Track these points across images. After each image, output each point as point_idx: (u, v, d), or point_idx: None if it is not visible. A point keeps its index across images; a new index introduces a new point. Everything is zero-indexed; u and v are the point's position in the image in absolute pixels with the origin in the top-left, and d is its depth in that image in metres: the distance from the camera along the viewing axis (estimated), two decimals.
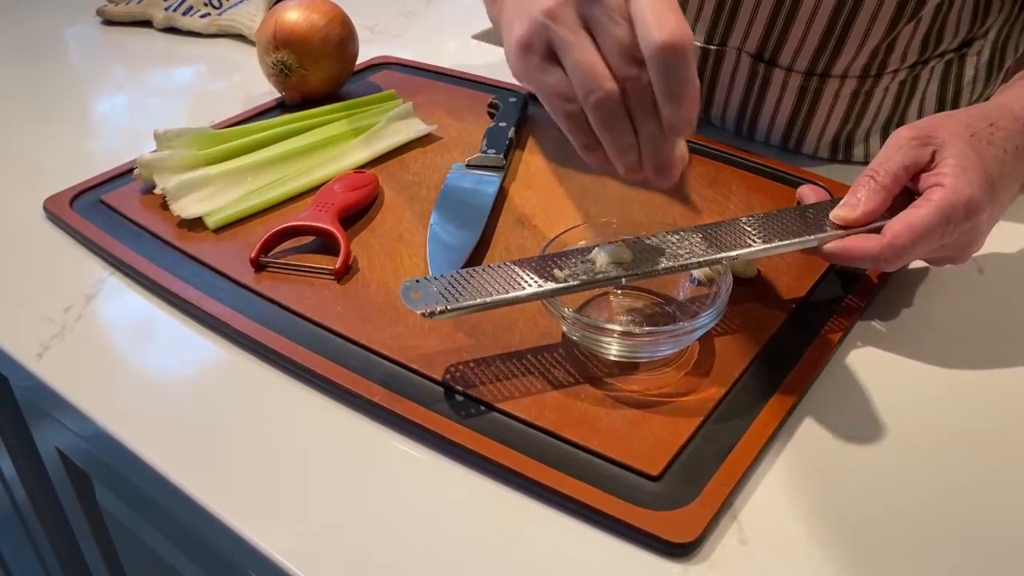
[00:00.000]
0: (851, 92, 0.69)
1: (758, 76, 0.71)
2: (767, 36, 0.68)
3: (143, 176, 0.69)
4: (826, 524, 0.45)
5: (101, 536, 0.74)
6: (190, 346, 0.57)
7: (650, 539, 0.43)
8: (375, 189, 0.68)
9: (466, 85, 0.86)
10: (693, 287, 0.56)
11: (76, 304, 0.60)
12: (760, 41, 0.69)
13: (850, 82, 0.68)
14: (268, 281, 0.59)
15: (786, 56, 0.69)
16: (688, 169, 0.70)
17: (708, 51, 0.72)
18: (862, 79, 0.68)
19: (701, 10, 0.70)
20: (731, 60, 0.71)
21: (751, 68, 0.71)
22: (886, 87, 0.69)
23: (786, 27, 0.67)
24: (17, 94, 0.92)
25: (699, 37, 0.72)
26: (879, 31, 0.65)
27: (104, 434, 0.51)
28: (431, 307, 0.48)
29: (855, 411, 0.51)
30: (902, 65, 0.67)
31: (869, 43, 0.66)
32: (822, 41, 0.66)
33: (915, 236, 0.49)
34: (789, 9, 0.66)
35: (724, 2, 0.69)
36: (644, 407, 0.49)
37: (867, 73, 0.68)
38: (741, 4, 0.68)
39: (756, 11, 0.68)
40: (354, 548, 0.44)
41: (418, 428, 0.49)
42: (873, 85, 0.68)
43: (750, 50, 0.70)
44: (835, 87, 0.69)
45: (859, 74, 0.68)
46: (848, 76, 0.68)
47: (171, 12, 1.03)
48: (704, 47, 0.72)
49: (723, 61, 0.72)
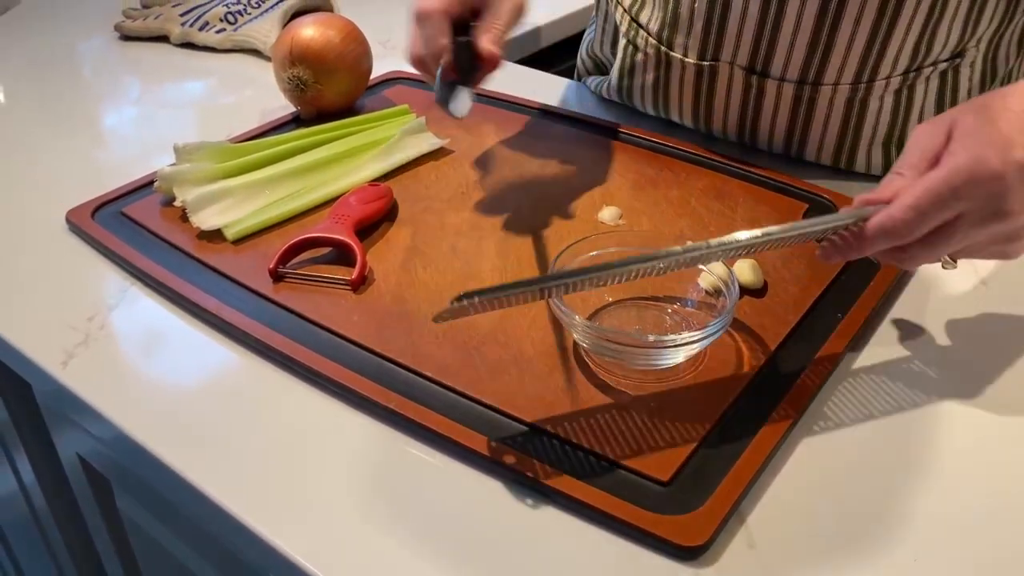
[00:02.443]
0: (845, 100, 0.70)
1: (752, 88, 0.73)
2: (756, 48, 0.70)
3: (163, 189, 0.70)
4: (833, 529, 0.46)
5: (120, 541, 0.76)
6: (209, 354, 0.58)
7: (660, 543, 0.44)
8: (390, 201, 0.69)
9: (476, 99, 0.87)
10: (701, 297, 0.57)
11: (99, 313, 0.62)
12: (750, 53, 0.71)
13: (843, 89, 0.70)
14: (286, 291, 0.61)
15: (777, 66, 0.70)
16: (695, 182, 0.72)
17: (702, 67, 0.74)
18: (854, 86, 0.70)
19: (691, 27, 0.72)
20: (725, 74, 0.73)
21: (745, 81, 0.72)
22: (880, 96, 0.70)
23: (773, 37, 0.69)
24: (36, 108, 0.94)
25: (692, 54, 0.74)
26: (864, 34, 0.67)
27: (126, 439, 0.53)
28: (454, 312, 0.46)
29: (862, 417, 0.52)
30: (894, 72, 0.69)
31: (856, 47, 0.67)
32: (810, 49, 0.68)
33: (916, 200, 0.47)
34: (774, 19, 0.68)
35: (712, 17, 0.71)
36: (654, 414, 0.50)
37: (859, 80, 0.69)
38: (728, 18, 0.70)
39: (743, 24, 0.69)
40: (370, 549, 0.45)
41: (432, 434, 0.50)
42: (867, 92, 0.70)
43: (742, 63, 0.72)
44: (828, 95, 0.70)
45: (851, 81, 0.69)
46: (840, 84, 0.70)
47: (187, 28, 1.05)
48: (698, 64, 0.74)
49: (717, 76, 0.73)
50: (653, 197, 0.70)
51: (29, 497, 0.86)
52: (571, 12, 1.14)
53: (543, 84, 0.92)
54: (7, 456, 0.85)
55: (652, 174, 0.73)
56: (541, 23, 1.11)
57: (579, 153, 0.77)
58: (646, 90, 0.80)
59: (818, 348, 0.55)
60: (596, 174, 0.74)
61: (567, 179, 0.73)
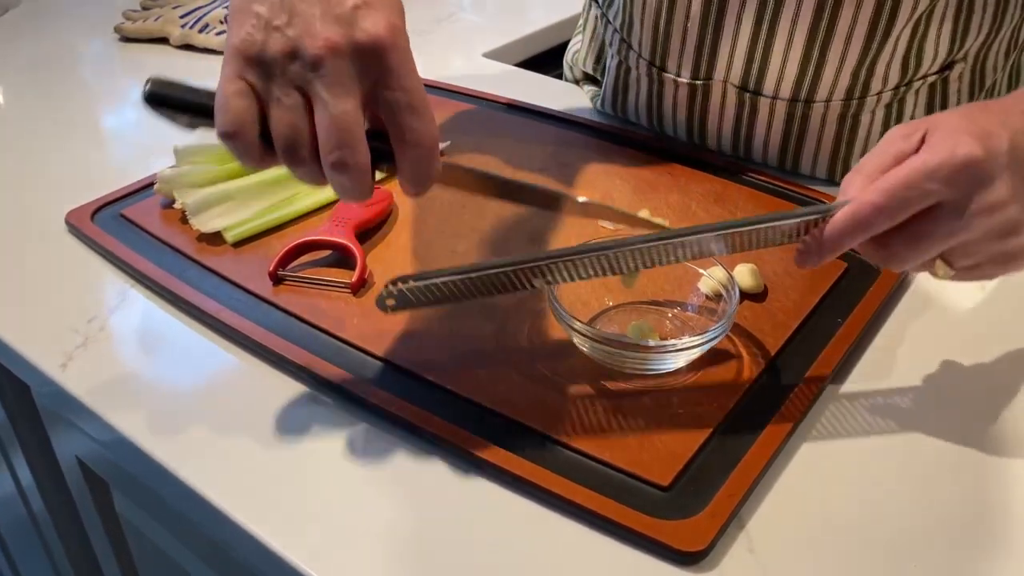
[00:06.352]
0: (838, 116, 0.71)
1: (745, 106, 0.73)
2: (748, 66, 0.70)
3: (163, 191, 0.70)
4: (833, 534, 0.46)
5: (118, 543, 0.75)
6: (209, 357, 0.58)
7: (660, 548, 0.44)
8: (390, 205, 0.69)
9: (476, 102, 0.87)
10: (702, 301, 0.57)
11: (98, 315, 0.62)
12: (743, 72, 0.71)
13: (835, 106, 0.70)
14: (286, 294, 0.61)
15: (769, 84, 0.70)
16: (694, 186, 0.72)
17: (695, 86, 0.74)
18: (847, 102, 0.70)
19: (684, 46, 0.72)
20: (718, 93, 0.73)
21: (738, 99, 0.72)
22: (872, 110, 0.70)
23: (765, 56, 0.69)
24: (36, 109, 0.94)
25: (685, 73, 0.74)
26: (855, 52, 0.67)
27: (125, 441, 0.53)
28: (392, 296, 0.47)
29: (863, 423, 0.52)
30: (885, 88, 0.69)
31: (847, 65, 0.67)
32: (802, 67, 0.68)
33: (888, 184, 0.44)
34: (766, 39, 0.68)
35: (704, 36, 0.71)
36: (654, 419, 0.50)
37: (851, 96, 0.69)
38: (720, 38, 0.70)
39: (735, 43, 0.69)
40: (370, 554, 0.45)
41: (433, 437, 0.50)
42: (859, 108, 0.70)
43: (735, 81, 0.72)
44: (821, 111, 0.71)
45: (843, 97, 0.69)
46: (832, 100, 0.70)
47: (187, 30, 1.05)
48: (691, 83, 0.74)
49: (710, 94, 0.73)
50: (653, 201, 0.70)
51: (27, 499, 0.86)
52: (566, 18, 1.14)
53: (542, 88, 0.92)
54: (5, 458, 0.85)
55: (651, 178, 0.74)
56: (537, 28, 1.11)
57: (578, 157, 0.77)
58: (640, 108, 0.80)
59: (818, 353, 0.55)
60: (595, 178, 0.74)
61: (566, 183, 0.74)
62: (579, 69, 0.91)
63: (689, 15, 0.70)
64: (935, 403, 0.53)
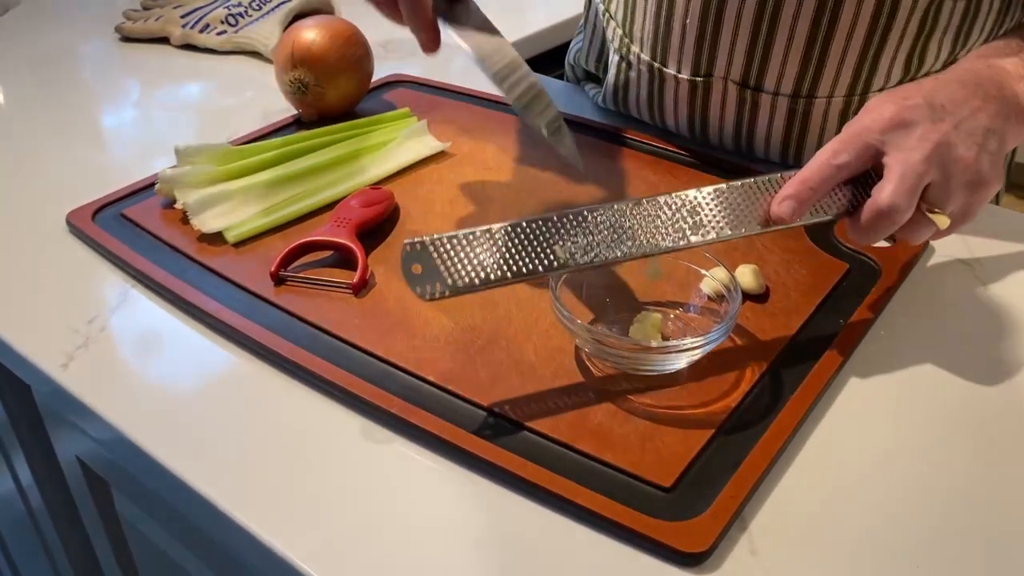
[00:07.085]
0: (839, 112, 0.71)
1: (747, 102, 0.73)
2: (749, 63, 0.70)
3: (164, 191, 0.70)
4: (835, 536, 0.46)
5: (118, 543, 0.75)
6: (210, 357, 0.58)
7: (662, 549, 0.44)
8: (391, 205, 0.69)
9: (478, 103, 0.87)
10: (704, 302, 0.57)
11: (99, 315, 0.62)
12: (743, 68, 0.71)
13: (837, 102, 0.70)
14: (287, 294, 0.61)
15: (771, 81, 0.70)
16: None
17: (696, 83, 0.74)
18: (848, 99, 0.70)
19: (684, 42, 0.72)
20: (719, 89, 0.73)
21: (739, 96, 0.72)
22: None
23: (766, 52, 0.69)
24: (37, 109, 0.94)
25: (685, 70, 0.73)
26: (856, 49, 0.67)
27: (125, 441, 0.53)
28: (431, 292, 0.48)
29: (865, 423, 0.52)
30: (888, 85, 0.69)
31: (848, 61, 0.68)
32: (803, 63, 0.68)
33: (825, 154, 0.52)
34: (767, 35, 0.68)
35: (705, 33, 0.70)
36: (656, 420, 0.50)
37: (853, 92, 0.69)
38: (721, 33, 0.70)
39: (736, 39, 0.69)
40: (371, 554, 0.45)
41: (434, 439, 0.50)
42: (861, 104, 0.70)
43: (735, 78, 0.72)
44: (823, 108, 0.70)
45: (845, 93, 0.69)
46: (834, 96, 0.70)
47: (188, 29, 1.05)
48: (691, 79, 0.73)
49: (711, 91, 0.73)
50: None
51: (27, 499, 0.86)
52: (567, 19, 1.14)
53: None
54: (5, 458, 0.85)
55: (654, 179, 0.73)
56: (537, 29, 1.11)
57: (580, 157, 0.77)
58: (641, 104, 0.80)
59: (820, 354, 0.55)
60: (598, 179, 0.74)
61: (568, 183, 0.73)
62: (581, 68, 0.91)
63: (689, 11, 0.70)
64: (938, 405, 0.53)
